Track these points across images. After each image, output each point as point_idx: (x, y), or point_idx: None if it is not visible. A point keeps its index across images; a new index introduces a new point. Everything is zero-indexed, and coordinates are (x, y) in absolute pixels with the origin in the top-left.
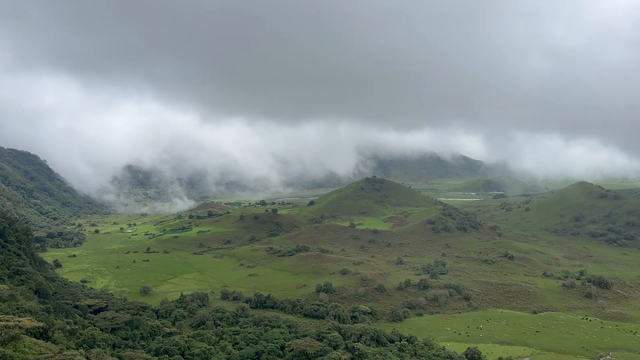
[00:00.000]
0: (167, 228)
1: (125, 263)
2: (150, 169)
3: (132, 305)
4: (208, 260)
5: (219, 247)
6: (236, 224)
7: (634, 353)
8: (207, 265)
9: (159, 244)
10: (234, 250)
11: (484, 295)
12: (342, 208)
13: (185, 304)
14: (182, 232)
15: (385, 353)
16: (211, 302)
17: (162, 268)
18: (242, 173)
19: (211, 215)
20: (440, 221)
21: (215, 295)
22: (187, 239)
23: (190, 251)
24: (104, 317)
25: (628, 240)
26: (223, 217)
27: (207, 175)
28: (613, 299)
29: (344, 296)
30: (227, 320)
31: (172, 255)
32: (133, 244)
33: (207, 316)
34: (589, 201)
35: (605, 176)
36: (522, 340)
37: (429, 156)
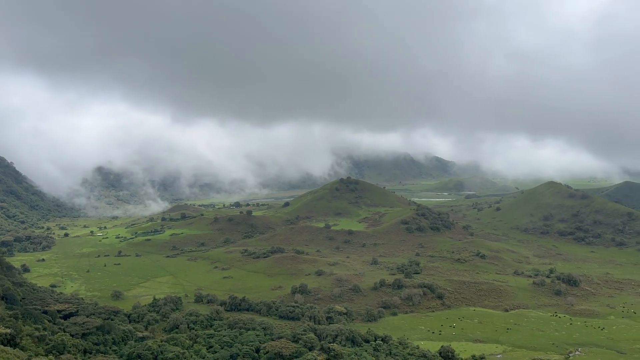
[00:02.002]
0: (139, 231)
1: (96, 267)
2: (121, 171)
3: (104, 310)
4: (181, 263)
5: (192, 250)
6: (210, 226)
7: (602, 348)
8: (181, 268)
9: (131, 247)
10: (207, 253)
11: (457, 294)
12: (317, 209)
13: (158, 308)
14: (155, 235)
15: (360, 353)
16: (185, 306)
17: (134, 272)
18: (217, 175)
19: (184, 217)
20: (414, 221)
21: (189, 299)
22: (160, 242)
23: (163, 254)
24: (75, 322)
25: (595, 238)
26: (197, 219)
27: (180, 177)
28: (581, 296)
29: (319, 297)
30: (201, 324)
31: (144, 259)
32: (104, 248)
33: (180, 320)
34: (558, 201)
35: (573, 176)
36: (494, 338)
37: (402, 157)
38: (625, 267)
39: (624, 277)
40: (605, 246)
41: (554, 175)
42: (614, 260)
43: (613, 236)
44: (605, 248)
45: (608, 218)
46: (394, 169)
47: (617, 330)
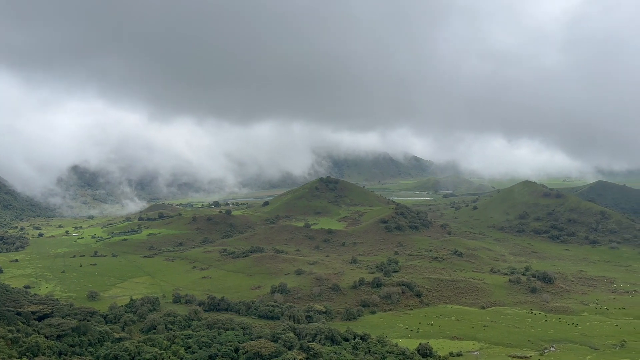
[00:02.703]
0: (116, 231)
1: (72, 267)
2: (97, 170)
3: (79, 311)
4: (159, 263)
5: (170, 250)
6: (188, 225)
7: (576, 344)
8: (158, 269)
9: (107, 247)
10: (186, 253)
11: (435, 291)
12: (297, 208)
13: (135, 309)
14: (132, 235)
15: (339, 352)
16: (162, 306)
17: (110, 272)
18: (195, 174)
19: (162, 217)
20: (393, 220)
21: (167, 299)
22: (137, 242)
23: (140, 254)
24: (49, 324)
25: (569, 236)
26: (174, 219)
27: (158, 176)
28: (556, 293)
29: (299, 296)
30: (179, 324)
31: (121, 259)
32: (79, 248)
33: (158, 320)
34: (533, 200)
35: (548, 175)
36: (471, 335)
37: (382, 157)
38: (598, 264)
39: (597, 275)
40: (579, 244)
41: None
42: (588, 258)
43: (587, 234)
44: (579, 246)
45: (582, 217)
46: (374, 168)
47: (590, 326)
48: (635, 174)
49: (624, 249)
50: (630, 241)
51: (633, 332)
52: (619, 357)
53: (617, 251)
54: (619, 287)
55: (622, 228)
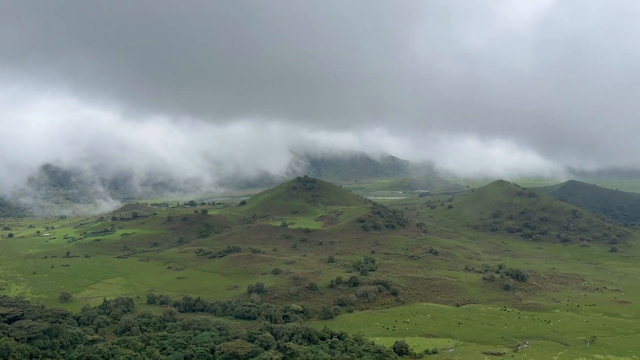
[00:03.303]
0: (88, 231)
1: (43, 268)
2: (70, 169)
3: (51, 313)
4: (133, 264)
5: (144, 250)
6: (163, 225)
7: (548, 341)
8: (132, 269)
9: (80, 247)
10: (161, 253)
11: (411, 290)
12: (274, 208)
13: (108, 310)
14: (105, 235)
15: (316, 351)
16: (137, 307)
17: (83, 273)
18: (171, 173)
19: (136, 217)
20: (370, 219)
21: (141, 300)
22: (110, 242)
23: (114, 255)
24: (20, 326)
25: (542, 235)
26: (149, 219)
27: (133, 175)
28: (529, 290)
29: (276, 296)
30: (154, 326)
31: (94, 260)
32: (51, 248)
33: (132, 322)
34: (507, 199)
35: (521, 175)
36: (446, 332)
37: (359, 156)
38: (569, 262)
39: (568, 272)
40: (551, 242)
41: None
42: (559, 256)
43: (558, 233)
44: (551, 244)
45: (554, 215)
46: (351, 167)
47: (562, 323)
48: (605, 174)
49: (594, 247)
50: (600, 239)
51: (603, 328)
52: (590, 352)
53: (587, 249)
54: (589, 284)
55: (592, 227)
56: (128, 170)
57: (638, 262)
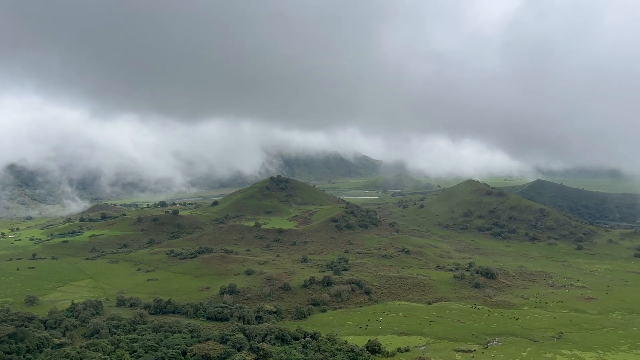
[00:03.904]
0: (56, 232)
1: (8, 271)
2: (36, 169)
3: (16, 317)
4: (102, 266)
5: (113, 252)
6: (133, 226)
7: (517, 337)
8: (101, 271)
9: (46, 249)
10: (130, 255)
11: (384, 288)
12: (247, 208)
13: (76, 313)
14: (72, 237)
15: (289, 351)
16: (106, 310)
17: (50, 275)
18: (141, 173)
19: (105, 217)
20: (343, 219)
21: (111, 303)
22: (78, 244)
23: (82, 256)
24: None
25: (510, 233)
26: (118, 220)
27: (101, 175)
28: (498, 288)
29: (249, 297)
30: (123, 328)
31: (61, 262)
32: (16, 250)
33: (101, 325)
34: (477, 198)
35: (491, 175)
36: (418, 330)
37: (332, 156)
38: (537, 260)
39: (536, 270)
40: (520, 241)
41: (473, 174)
42: (528, 254)
43: (526, 231)
44: (520, 242)
45: (522, 214)
46: (324, 167)
47: (530, 319)
48: (572, 173)
49: (561, 244)
50: (567, 237)
51: (569, 324)
52: (557, 348)
53: (554, 247)
54: (556, 281)
55: (559, 225)
56: (96, 170)
57: (603, 259)
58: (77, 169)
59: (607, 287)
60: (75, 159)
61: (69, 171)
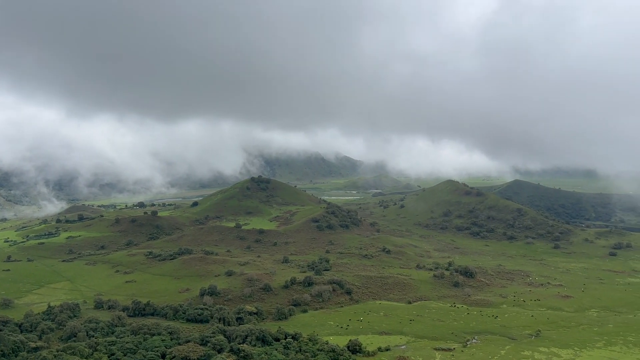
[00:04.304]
0: (31, 234)
1: None
2: (11, 169)
3: None
4: (79, 268)
5: (91, 254)
6: (111, 227)
7: (496, 335)
8: (78, 273)
9: (22, 251)
10: (108, 256)
11: (364, 288)
12: (228, 208)
13: (53, 316)
14: (49, 238)
15: (270, 352)
16: (83, 313)
17: (25, 278)
18: (119, 174)
19: (82, 219)
20: (324, 219)
21: (88, 305)
22: (55, 246)
23: (59, 258)
24: None
25: (489, 232)
26: (96, 221)
27: (78, 176)
28: (477, 287)
29: (229, 298)
30: (101, 331)
31: (37, 264)
32: None
33: (78, 327)
34: (456, 198)
35: (470, 175)
36: (398, 330)
37: (314, 156)
38: (515, 259)
39: (514, 269)
40: (498, 240)
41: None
42: (506, 253)
43: (505, 230)
44: (498, 242)
45: (500, 214)
46: (305, 167)
47: (508, 318)
48: (549, 173)
49: (539, 244)
50: (544, 236)
51: (547, 322)
52: (535, 346)
53: (532, 246)
54: (534, 280)
55: (536, 224)
56: (73, 170)
57: (579, 258)
58: (54, 170)
59: (583, 285)
60: (52, 160)
61: (45, 172)
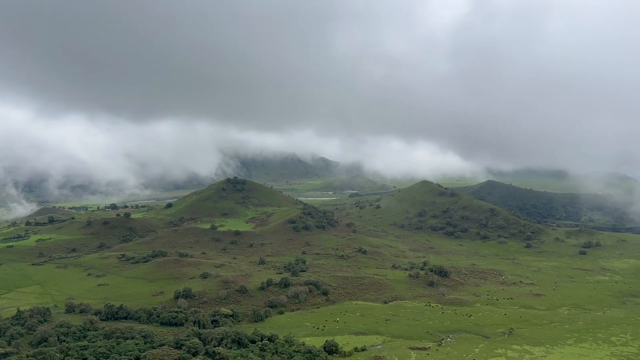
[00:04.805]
0: (0, 237)
1: None
2: None
3: None
4: (50, 271)
5: (62, 257)
6: (83, 230)
7: (470, 334)
8: (49, 277)
9: None
10: (80, 259)
11: (341, 289)
12: (203, 210)
13: (23, 321)
14: (18, 241)
15: (246, 354)
16: (54, 317)
17: None
18: (91, 175)
19: (53, 221)
20: (301, 220)
21: (59, 309)
22: (24, 249)
23: (28, 262)
24: None
25: (463, 232)
26: (67, 223)
27: (49, 177)
28: (451, 286)
29: (204, 300)
30: (73, 335)
31: (6, 267)
32: None
33: (49, 332)
34: (430, 198)
35: (444, 175)
36: (374, 330)
37: (290, 158)
38: (488, 258)
39: (487, 268)
40: (472, 239)
41: (428, 175)
42: (479, 252)
43: (478, 230)
44: (472, 241)
45: (474, 214)
46: (282, 168)
47: (482, 316)
48: (521, 174)
49: (511, 243)
50: (516, 236)
51: (519, 320)
52: (508, 343)
53: (504, 245)
54: (507, 278)
55: (509, 224)
56: (44, 172)
57: (550, 257)
58: (23, 171)
59: (554, 283)
60: (21, 161)
61: (14, 173)
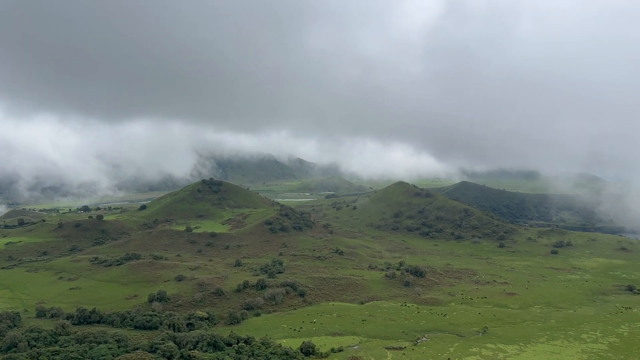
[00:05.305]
0: None
1: None
2: None
3: None
4: (19, 275)
5: (32, 260)
6: (53, 232)
7: (445, 333)
8: (19, 281)
9: None
10: (51, 262)
11: (318, 290)
12: (178, 212)
13: None
14: None
15: (222, 357)
16: (24, 322)
17: None
18: (63, 177)
19: (22, 223)
20: (278, 221)
21: (30, 314)
22: None
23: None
24: None
25: (438, 232)
26: (37, 226)
27: (19, 179)
28: (427, 285)
29: (179, 303)
30: (44, 340)
31: None
32: None
33: (19, 337)
34: (406, 199)
35: (420, 176)
36: (351, 330)
37: (267, 159)
38: (463, 258)
39: (462, 267)
40: (446, 239)
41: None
42: (454, 252)
43: (452, 230)
44: (446, 241)
45: (448, 214)
46: (258, 170)
47: (457, 315)
48: (495, 175)
49: (485, 243)
50: (489, 236)
51: (493, 319)
52: (482, 342)
53: (478, 245)
54: (481, 278)
55: (482, 224)
56: (13, 173)
57: (523, 256)
58: None
59: (527, 282)
60: None
61: None
